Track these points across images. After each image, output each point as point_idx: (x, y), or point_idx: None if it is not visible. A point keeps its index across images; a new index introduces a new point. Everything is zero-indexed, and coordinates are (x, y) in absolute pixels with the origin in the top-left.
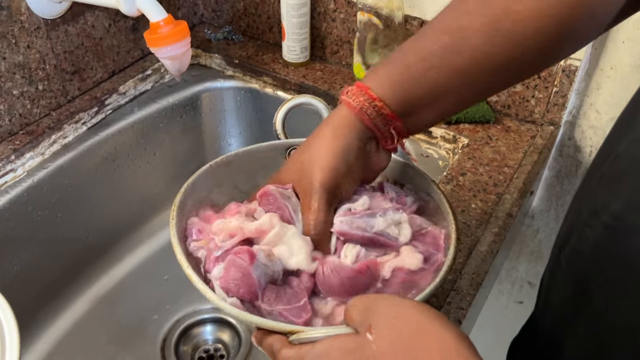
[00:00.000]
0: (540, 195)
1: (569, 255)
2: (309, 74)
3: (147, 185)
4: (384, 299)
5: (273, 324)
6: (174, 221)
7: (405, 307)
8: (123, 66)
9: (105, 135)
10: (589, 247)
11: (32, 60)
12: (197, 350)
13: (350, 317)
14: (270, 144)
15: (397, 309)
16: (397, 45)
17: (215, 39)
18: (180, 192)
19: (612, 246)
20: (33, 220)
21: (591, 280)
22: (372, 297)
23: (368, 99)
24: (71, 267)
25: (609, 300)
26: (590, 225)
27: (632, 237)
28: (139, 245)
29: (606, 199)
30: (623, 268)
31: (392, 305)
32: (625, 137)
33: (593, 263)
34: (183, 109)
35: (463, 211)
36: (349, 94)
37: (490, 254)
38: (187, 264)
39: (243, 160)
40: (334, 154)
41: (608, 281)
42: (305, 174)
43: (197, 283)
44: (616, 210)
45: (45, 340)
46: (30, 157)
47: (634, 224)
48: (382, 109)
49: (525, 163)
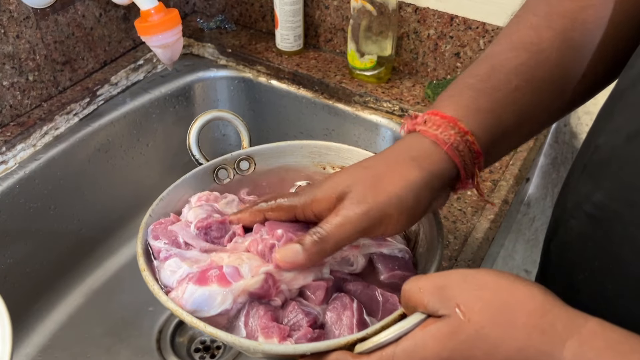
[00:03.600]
0: (536, 183)
1: (557, 248)
2: (303, 63)
3: (141, 177)
4: (455, 274)
5: (328, 343)
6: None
7: (482, 276)
8: (114, 56)
9: (98, 126)
10: (575, 238)
11: (22, 50)
12: (194, 342)
13: (421, 302)
14: (194, 172)
15: (475, 281)
16: (391, 32)
17: (208, 28)
18: (139, 253)
19: (596, 236)
20: (25, 213)
21: (578, 273)
22: (437, 275)
23: (459, 132)
24: (65, 259)
25: (595, 290)
26: (575, 217)
27: (614, 226)
28: (133, 236)
29: (589, 190)
30: (608, 257)
31: (468, 278)
32: (605, 129)
33: (579, 254)
34: (176, 99)
35: (458, 198)
36: (429, 125)
37: (486, 241)
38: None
39: (178, 195)
40: (405, 183)
41: (594, 271)
42: (355, 190)
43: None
44: (598, 200)
45: (40, 333)
46: (21, 149)
47: (616, 213)
48: (473, 144)
49: (520, 149)
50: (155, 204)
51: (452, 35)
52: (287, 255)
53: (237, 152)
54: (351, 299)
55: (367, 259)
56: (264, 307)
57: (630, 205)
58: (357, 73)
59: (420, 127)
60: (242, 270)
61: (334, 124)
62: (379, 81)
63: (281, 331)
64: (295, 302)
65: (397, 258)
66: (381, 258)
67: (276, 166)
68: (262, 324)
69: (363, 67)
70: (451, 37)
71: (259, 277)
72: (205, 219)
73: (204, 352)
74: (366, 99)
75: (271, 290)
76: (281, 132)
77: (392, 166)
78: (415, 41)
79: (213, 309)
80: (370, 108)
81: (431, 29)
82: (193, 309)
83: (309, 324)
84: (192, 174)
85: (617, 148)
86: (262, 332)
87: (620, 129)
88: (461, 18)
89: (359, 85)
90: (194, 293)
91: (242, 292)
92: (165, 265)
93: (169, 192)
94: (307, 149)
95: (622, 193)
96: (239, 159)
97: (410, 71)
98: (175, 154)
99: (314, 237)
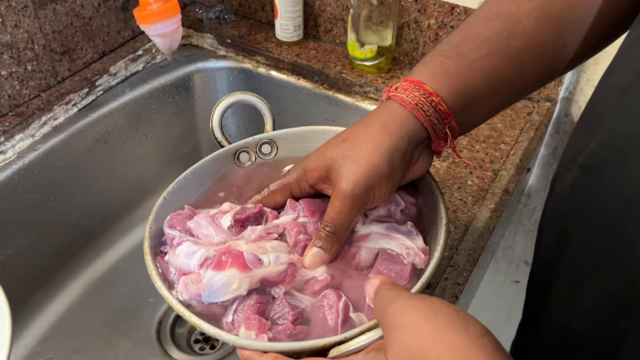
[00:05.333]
0: (537, 174)
1: (553, 202)
2: (303, 53)
3: (140, 167)
4: (397, 303)
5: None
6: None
7: (411, 314)
8: (113, 46)
9: (97, 116)
10: (567, 189)
11: (20, 40)
12: (193, 333)
13: (376, 316)
14: (216, 155)
15: (403, 318)
16: (392, 22)
17: (207, 18)
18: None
19: (586, 184)
20: (24, 203)
21: (569, 221)
22: (388, 294)
23: (424, 93)
24: (64, 250)
25: (582, 236)
26: (570, 169)
27: (603, 173)
28: (132, 227)
29: (584, 143)
30: (595, 204)
31: (400, 312)
32: (603, 86)
33: (571, 203)
34: (175, 89)
35: (459, 188)
36: (399, 90)
37: (487, 230)
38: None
39: (196, 178)
40: (379, 151)
41: (581, 217)
42: (339, 167)
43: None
44: (590, 149)
45: (40, 324)
46: (20, 139)
47: (605, 160)
48: (439, 105)
49: (521, 139)
50: (171, 187)
51: (453, 25)
52: (314, 262)
53: (259, 136)
54: (339, 297)
55: (373, 254)
56: (257, 297)
57: (619, 151)
58: (357, 63)
59: (392, 93)
60: (264, 258)
61: (334, 115)
62: (379, 71)
63: (261, 325)
64: (283, 296)
65: (396, 262)
66: (384, 255)
67: (298, 151)
68: (246, 314)
69: (363, 57)
70: (452, 27)
71: (281, 267)
72: (243, 212)
73: (204, 343)
74: (366, 90)
75: (287, 278)
76: (281, 123)
77: (366, 136)
78: (415, 31)
79: (227, 294)
80: (371, 98)
81: (432, 18)
82: (210, 293)
83: (293, 318)
84: (213, 156)
85: (611, 100)
86: (244, 323)
87: (615, 84)
88: (462, 7)
89: (359, 75)
90: (213, 278)
91: (259, 280)
92: (178, 250)
93: (186, 176)
94: (328, 135)
95: (612, 140)
96: (262, 142)
97: (411, 61)
98: (174, 145)
99: (326, 234)
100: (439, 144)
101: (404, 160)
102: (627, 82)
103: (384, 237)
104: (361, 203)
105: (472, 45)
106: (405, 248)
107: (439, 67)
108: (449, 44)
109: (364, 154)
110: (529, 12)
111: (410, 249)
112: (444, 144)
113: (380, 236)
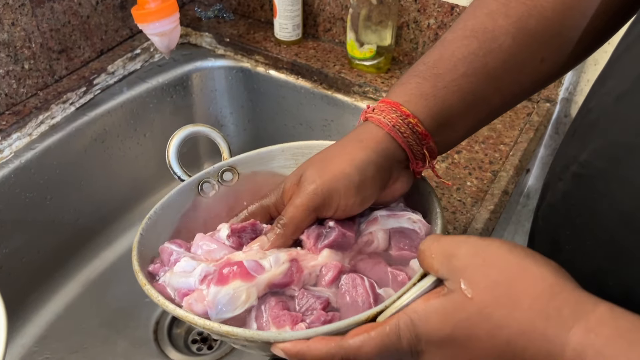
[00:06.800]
0: (536, 175)
1: (544, 211)
2: (302, 53)
3: (138, 167)
4: (466, 245)
5: (348, 321)
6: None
7: (493, 250)
8: (111, 45)
9: (94, 115)
10: (560, 199)
11: (17, 38)
12: (191, 333)
13: (432, 267)
14: (179, 189)
15: (485, 255)
16: (391, 22)
17: (206, 17)
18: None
19: (579, 194)
20: (21, 202)
21: (561, 231)
22: (450, 242)
23: (401, 115)
24: (62, 250)
25: (576, 247)
26: (562, 179)
27: (596, 183)
28: (130, 227)
29: (577, 152)
30: (588, 213)
31: (478, 250)
32: (597, 93)
33: (564, 213)
34: (173, 89)
35: (458, 189)
36: (375, 111)
37: (485, 232)
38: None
39: (165, 212)
40: (352, 162)
41: (575, 228)
42: (309, 174)
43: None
44: (584, 159)
45: (37, 324)
46: (17, 138)
47: (599, 170)
48: (416, 126)
49: (521, 140)
50: (144, 223)
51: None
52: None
53: (218, 164)
54: (361, 278)
55: (388, 234)
56: (275, 298)
57: (615, 161)
58: (356, 63)
59: (369, 114)
60: (264, 263)
61: (333, 115)
62: (378, 71)
63: (293, 318)
64: (303, 289)
65: (410, 236)
66: (396, 234)
67: (261, 173)
68: (273, 314)
69: (362, 57)
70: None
71: (283, 266)
72: (239, 223)
73: (201, 343)
74: (365, 89)
75: (294, 276)
76: (279, 122)
77: (341, 149)
78: (415, 31)
79: (238, 308)
80: (370, 98)
81: (431, 18)
82: (218, 310)
83: (322, 306)
84: (176, 191)
85: (606, 108)
86: (274, 322)
87: (610, 92)
88: (462, 7)
89: (358, 75)
90: (218, 294)
91: (266, 285)
92: (177, 267)
93: (156, 211)
94: (289, 152)
95: (608, 150)
96: (222, 170)
97: (410, 61)
98: None
99: (276, 225)
100: (417, 165)
101: (379, 175)
102: (624, 90)
103: (390, 217)
104: (320, 203)
105: (448, 65)
106: (412, 222)
107: (416, 89)
108: (425, 63)
109: (337, 162)
110: (506, 29)
111: (417, 222)
112: (423, 164)
113: (387, 217)
